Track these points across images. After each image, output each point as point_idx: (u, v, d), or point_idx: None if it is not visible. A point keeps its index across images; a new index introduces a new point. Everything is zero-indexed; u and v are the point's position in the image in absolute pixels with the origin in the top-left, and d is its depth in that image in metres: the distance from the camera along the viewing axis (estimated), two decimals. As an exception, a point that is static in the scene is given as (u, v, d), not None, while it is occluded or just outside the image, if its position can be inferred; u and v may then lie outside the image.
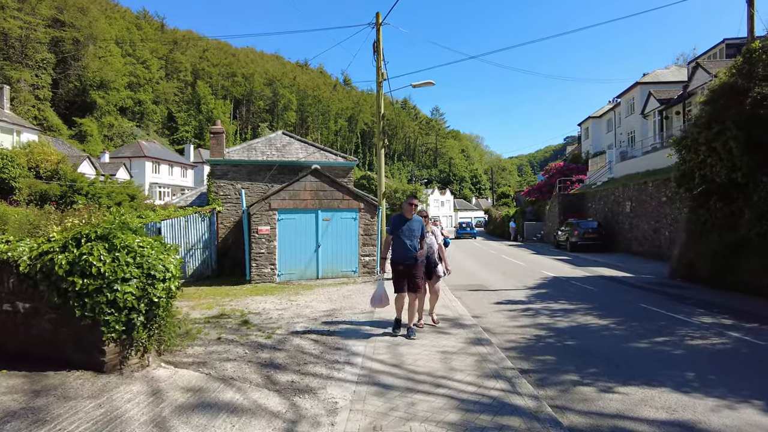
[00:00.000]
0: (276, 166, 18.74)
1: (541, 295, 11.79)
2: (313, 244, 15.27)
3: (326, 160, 19.23)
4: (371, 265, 15.65)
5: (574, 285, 13.41)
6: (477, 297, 11.69)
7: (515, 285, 13.52)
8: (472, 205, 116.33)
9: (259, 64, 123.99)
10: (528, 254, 25.67)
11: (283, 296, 11.51)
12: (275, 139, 20.97)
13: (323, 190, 15.32)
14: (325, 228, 15.31)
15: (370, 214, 15.62)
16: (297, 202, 15.15)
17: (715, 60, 26.70)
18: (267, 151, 19.78)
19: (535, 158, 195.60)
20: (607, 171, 35.02)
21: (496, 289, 12.89)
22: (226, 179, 18.80)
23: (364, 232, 15.56)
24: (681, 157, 14.33)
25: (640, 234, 23.79)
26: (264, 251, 14.99)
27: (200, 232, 17.31)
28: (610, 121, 49.37)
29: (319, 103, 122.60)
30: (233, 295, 11.96)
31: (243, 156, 19.13)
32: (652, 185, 22.74)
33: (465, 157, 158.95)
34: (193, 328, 7.88)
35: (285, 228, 15.11)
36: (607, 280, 14.62)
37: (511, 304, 10.63)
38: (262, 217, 15.00)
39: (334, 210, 15.38)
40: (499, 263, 20.00)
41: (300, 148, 20.28)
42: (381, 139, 16.41)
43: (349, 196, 15.48)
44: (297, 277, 15.19)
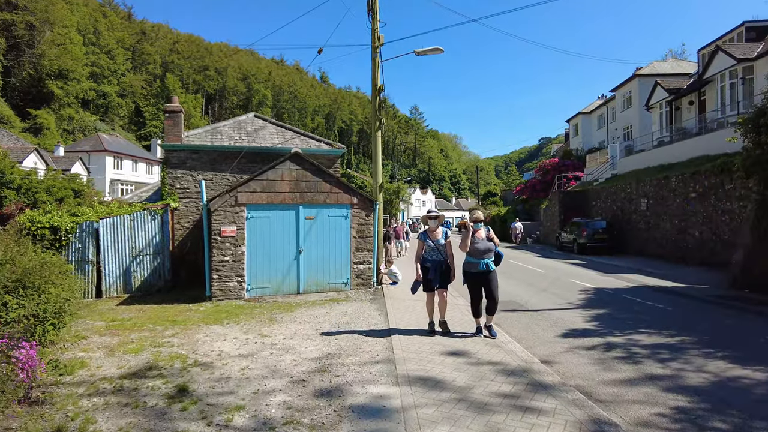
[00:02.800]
0: (246, 153, 15.38)
1: (604, 318, 8.78)
2: (293, 250, 11.98)
3: (308, 147, 15.94)
4: (366, 276, 12.44)
5: (632, 301, 10.47)
6: (523, 322, 8.62)
7: (558, 302, 10.50)
8: (453, 205, 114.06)
9: (233, 59, 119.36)
10: (534, 257, 22.81)
11: (251, 325, 8.18)
12: (246, 122, 17.56)
13: (306, 180, 12.05)
14: (308, 229, 12.05)
15: (364, 211, 12.41)
16: (272, 195, 11.84)
17: (734, 44, 24.37)
18: (235, 135, 16.37)
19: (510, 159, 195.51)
20: (609, 167, 32.55)
21: (538, 308, 9.83)
22: (185, 169, 15.36)
23: (357, 234, 12.35)
24: (753, 141, 11.51)
25: (659, 234, 21.17)
26: (229, 259, 11.63)
27: (150, 233, 13.83)
28: (602, 116, 47.36)
29: (295, 100, 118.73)
30: (182, 324, 8.57)
31: (206, 141, 15.70)
32: (675, 180, 20.11)
33: (444, 157, 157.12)
34: (79, 413, 4.47)
35: (256, 229, 11.79)
36: (660, 292, 11.76)
37: (578, 336, 7.58)
38: (227, 214, 11.65)
39: (319, 206, 12.12)
40: (514, 270, 17.00)
41: (276, 133, 16.93)
42: (377, 118, 13.22)
43: (338, 189, 12.25)
44: (272, 292, 11.88)
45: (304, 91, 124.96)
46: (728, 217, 16.76)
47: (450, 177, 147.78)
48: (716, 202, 17.42)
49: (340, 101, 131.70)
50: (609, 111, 45.08)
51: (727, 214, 16.80)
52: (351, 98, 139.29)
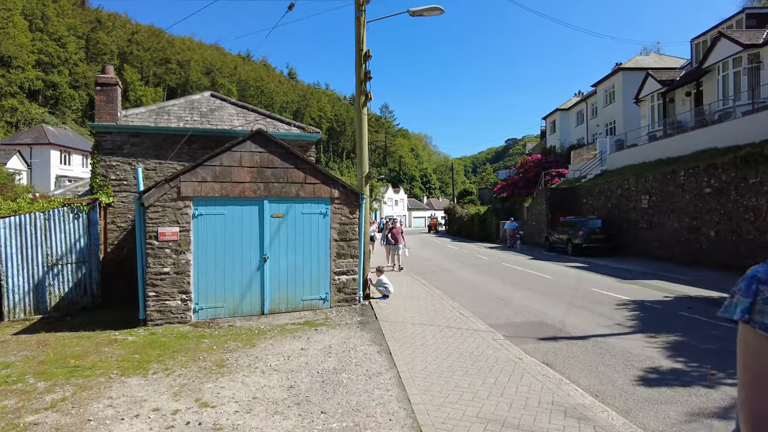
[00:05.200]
0: (199, 137, 12.52)
1: (685, 349, 6.44)
2: (256, 257, 9.23)
3: (275, 130, 13.17)
4: (351, 289, 9.78)
5: (696, 320, 8.18)
6: (580, 359, 6.17)
7: (602, 323, 8.12)
8: (424, 205, 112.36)
9: (197, 53, 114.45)
10: (528, 260, 20.62)
11: (189, 378, 5.41)
12: (200, 101, 14.63)
13: (272, 166, 9.31)
14: (275, 229, 9.33)
15: (348, 206, 9.76)
16: (227, 186, 9.07)
17: (737, 30, 22.83)
18: (186, 116, 13.44)
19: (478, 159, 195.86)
20: (597, 162, 30.82)
21: (585, 334, 7.38)
22: (122, 156, 12.37)
23: (339, 236, 9.68)
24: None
25: (666, 234, 19.27)
26: (169, 270, 8.79)
27: (72, 236, 10.83)
28: (581, 113, 46.04)
29: (262, 95, 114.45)
30: (85, 373, 5.71)
31: (148, 122, 12.73)
32: (684, 174, 18.21)
33: (415, 156, 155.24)
34: None
35: (206, 230, 9.00)
36: (711, 305, 9.55)
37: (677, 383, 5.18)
38: (166, 211, 8.81)
39: (290, 200, 9.41)
40: (516, 277, 14.65)
41: (236, 114, 14.08)
42: (362, 92, 10.59)
43: (315, 178, 9.56)
44: (227, 313, 9.10)
45: (271, 87, 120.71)
46: (753, 215, 14.88)
47: (421, 176, 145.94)
48: (737, 197, 15.53)
49: (309, 98, 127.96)
50: (589, 107, 43.72)
51: (752, 212, 14.91)
52: (320, 95, 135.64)
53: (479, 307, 9.74)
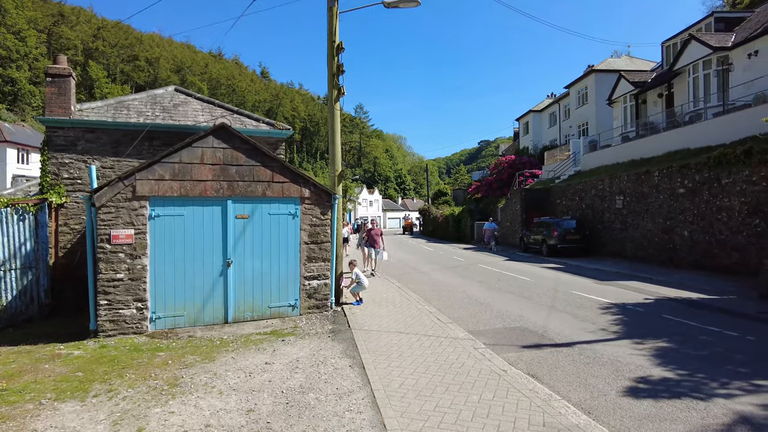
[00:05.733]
0: (161, 133, 11.76)
1: (674, 355, 6.12)
2: (218, 261, 8.57)
3: (242, 127, 12.49)
4: (322, 294, 9.20)
5: (682, 324, 7.91)
6: (566, 368, 5.77)
7: (586, 328, 7.77)
8: (399, 206, 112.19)
9: (167, 50, 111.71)
10: (504, 261, 20.38)
11: (133, 402, 4.75)
12: (163, 96, 13.81)
13: (237, 164, 8.66)
14: (240, 231, 8.68)
15: (319, 207, 9.19)
16: (188, 184, 8.39)
17: (707, 33, 23.10)
18: (147, 111, 12.63)
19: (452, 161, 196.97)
20: (571, 163, 30.92)
21: (570, 341, 7.00)
22: (76, 153, 11.51)
23: (310, 238, 9.09)
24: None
25: (639, 234, 19.29)
26: (123, 276, 8.05)
27: (16, 239, 9.95)
28: (554, 114, 46.40)
29: (233, 94, 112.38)
30: (13, 399, 5.00)
31: (106, 116, 11.87)
32: (659, 174, 18.23)
33: (389, 157, 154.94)
34: None
35: (164, 232, 8.30)
36: (696, 307, 9.36)
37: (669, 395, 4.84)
38: (120, 212, 8.08)
39: (256, 199, 8.78)
40: (494, 279, 14.30)
41: (201, 110, 13.33)
42: (335, 85, 10.03)
43: (284, 177, 8.95)
44: (188, 322, 8.42)
45: (243, 86, 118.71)
46: (726, 215, 14.91)
47: (395, 177, 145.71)
48: (710, 198, 15.57)
49: (282, 97, 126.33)
50: (562, 108, 44.06)
51: (725, 212, 14.95)
52: (293, 94, 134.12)
53: (458, 312, 9.30)
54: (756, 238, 13.83)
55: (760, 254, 13.64)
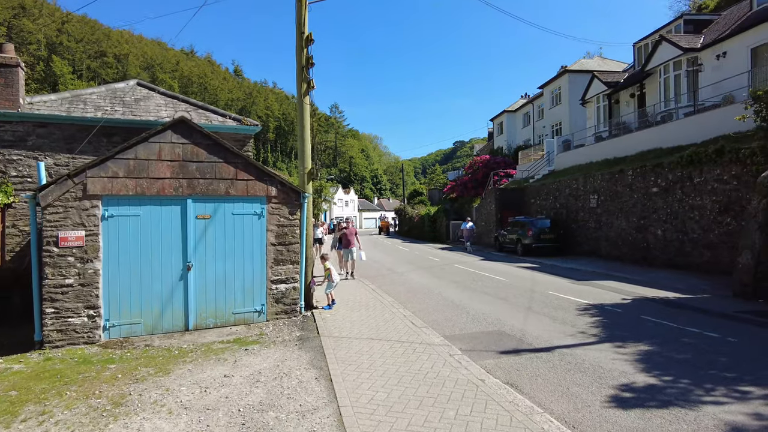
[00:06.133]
0: (120, 128, 11.09)
1: (657, 359, 5.88)
2: (178, 264, 8.01)
3: (207, 122, 11.91)
4: (290, 299, 8.71)
5: (662, 325, 7.71)
6: (546, 376, 5.45)
7: (565, 331, 7.50)
8: (375, 206, 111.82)
9: (136, 47, 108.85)
10: (480, 261, 20.19)
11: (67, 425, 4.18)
12: (124, 90, 13.08)
13: (198, 160, 8.12)
14: (201, 232, 8.14)
15: (287, 206, 8.70)
16: (144, 182, 7.80)
17: (677, 35, 23.40)
18: (106, 105, 11.92)
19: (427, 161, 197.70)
20: (545, 163, 31.06)
21: (549, 345, 6.70)
22: (25, 149, 10.75)
23: (277, 239, 8.59)
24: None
25: (613, 233, 19.36)
26: (73, 282, 7.43)
27: (-43, 242, 9.16)
28: (528, 114, 46.74)
29: (205, 92, 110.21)
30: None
31: (59, 110, 11.13)
32: (632, 174, 18.31)
33: (365, 157, 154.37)
34: None
35: (119, 233, 7.70)
36: (674, 307, 9.23)
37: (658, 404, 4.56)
38: (69, 212, 7.45)
39: (219, 198, 8.25)
40: (470, 279, 14.02)
41: (164, 105, 12.67)
42: (304, 79, 9.57)
43: (248, 174, 8.43)
44: (145, 330, 7.84)
45: (215, 84, 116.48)
46: (698, 214, 15.00)
47: (371, 177, 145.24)
48: (683, 196, 15.65)
49: (255, 95, 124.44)
50: (535, 108, 44.40)
51: (697, 210, 15.04)
52: (267, 93, 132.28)
53: (433, 315, 8.95)
54: (727, 236, 13.92)
55: (732, 252, 13.73)
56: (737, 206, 13.64)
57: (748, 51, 18.53)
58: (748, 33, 18.51)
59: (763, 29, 17.90)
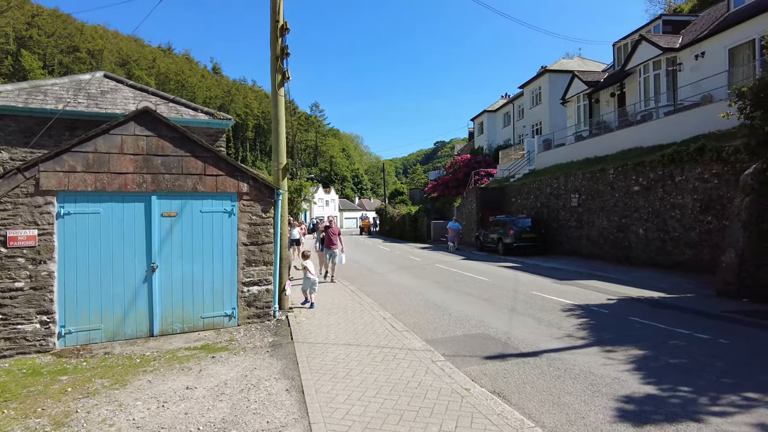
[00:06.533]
0: (83, 121, 10.45)
1: (651, 364, 5.59)
2: (142, 266, 7.46)
3: (178, 116, 11.34)
4: (264, 302, 8.22)
5: (650, 327, 7.45)
6: (536, 384, 5.10)
7: (552, 333, 7.19)
8: (356, 205, 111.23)
9: (111, 42, 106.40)
10: (461, 261, 19.92)
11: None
12: (90, 82, 12.39)
13: (163, 154, 7.58)
14: (167, 231, 7.60)
15: (260, 204, 8.21)
16: (105, 177, 7.24)
17: (656, 35, 23.51)
18: (69, 97, 11.24)
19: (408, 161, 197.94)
20: (526, 162, 31.01)
21: (537, 349, 6.36)
22: (-21, 142, 10.04)
23: (249, 239, 8.10)
24: (762, 118, 9.12)
25: (595, 232, 19.29)
26: (23, 285, 6.83)
27: None
28: (508, 114, 46.80)
29: (183, 89, 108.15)
30: None
31: (16, 101, 10.43)
32: (614, 172, 18.24)
33: (346, 157, 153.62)
34: None
35: (76, 232, 7.12)
36: (660, 307, 9.01)
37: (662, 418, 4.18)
38: (19, 209, 6.85)
39: (186, 195, 7.72)
40: (452, 279, 13.70)
41: (133, 98, 12.03)
42: (278, 71, 9.09)
43: (218, 169, 7.92)
44: (105, 336, 7.27)
45: (193, 81, 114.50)
46: (679, 212, 14.94)
47: (352, 177, 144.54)
48: (664, 195, 15.59)
49: (234, 93, 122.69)
50: (516, 108, 44.46)
51: (678, 209, 14.98)
52: (246, 91, 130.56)
53: (414, 318, 8.57)
54: (708, 235, 13.87)
55: (713, 251, 13.69)
56: (718, 204, 13.59)
57: (726, 51, 18.62)
58: (726, 33, 18.59)
59: (739, 30, 17.99)
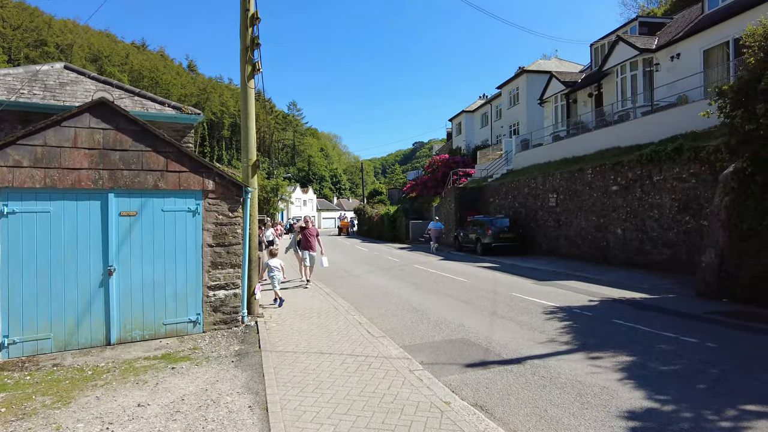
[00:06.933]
0: (39, 114, 9.75)
1: (641, 372, 5.29)
2: (98, 268, 6.89)
3: (143, 110, 10.72)
4: (231, 307, 7.71)
5: (636, 330, 7.21)
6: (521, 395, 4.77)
7: (534, 338, 6.88)
8: (334, 205, 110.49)
9: (82, 37, 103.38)
10: (439, 261, 19.65)
11: None
12: (48, 72, 11.67)
13: (121, 148, 7.02)
14: (126, 231, 7.05)
15: (227, 202, 7.71)
16: (56, 173, 6.65)
17: (633, 36, 23.67)
18: (23, 89, 10.52)
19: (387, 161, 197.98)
20: (503, 162, 30.97)
21: (520, 356, 6.04)
22: None
23: (215, 240, 7.59)
24: (743, 115, 9.01)
25: (573, 232, 19.24)
26: (-39, 290, 6.21)
27: None
28: (486, 115, 46.85)
29: (157, 86, 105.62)
30: None
31: (-37, 93, 9.70)
32: (592, 172, 18.20)
33: (324, 156, 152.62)
34: None
35: (22, 233, 6.52)
36: (643, 309, 8.82)
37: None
38: (-43, 207, 6.24)
39: (147, 192, 7.18)
40: (430, 280, 13.37)
41: (95, 90, 11.33)
42: (248, 62, 8.60)
43: (181, 165, 7.39)
44: (56, 346, 6.69)
45: (168, 79, 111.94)
46: (657, 212, 14.92)
47: (331, 176, 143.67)
48: (643, 195, 15.57)
49: (209, 91, 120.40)
50: (493, 109, 44.49)
51: (657, 209, 14.96)
52: (222, 89, 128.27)
53: (391, 322, 8.19)
54: (686, 235, 13.86)
55: (690, 251, 13.70)
56: (695, 204, 13.59)
57: (701, 53, 18.77)
58: (701, 35, 18.74)
59: (714, 32, 18.14)
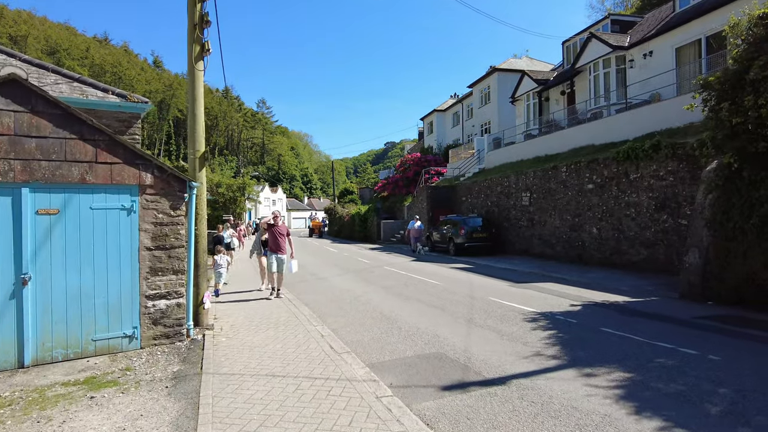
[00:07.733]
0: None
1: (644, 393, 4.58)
2: (9, 277, 5.80)
3: (82, 97, 9.55)
4: (174, 318, 6.71)
5: (627, 339, 6.54)
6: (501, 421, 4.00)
7: (517, 351, 6.14)
8: (305, 205, 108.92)
9: (38, 29, 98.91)
10: (411, 262, 18.93)
11: None
12: (-29, 55, 10.36)
13: (39, 135, 5.95)
14: (45, 233, 5.98)
15: (168, 198, 6.71)
16: (-47, 164, 5.56)
17: (606, 33, 23.48)
18: (-62, 70, 9.21)
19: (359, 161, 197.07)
20: (476, 161, 30.52)
21: (502, 374, 5.25)
22: None
23: (154, 242, 6.58)
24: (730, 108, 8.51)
25: (547, 232, 18.82)
26: None
27: None
28: (457, 114, 46.56)
29: (120, 82, 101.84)
30: None
31: None
32: (566, 170, 17.78)
33: (295, 155, 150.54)
34: None
35: None
36: (629, 314, 8.22)
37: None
38: None
39: (71, 187, 6.12)
40: (401, 283, 12.59)
41: (26, 75, 10.08)
42: (196, 41, 7.61)
43: (114, 156, 6.35)
44: (-46, 370, 5.59)
45: (132, 74, 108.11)
46: (634, 211, 14.55)
47: (301, 176, 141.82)
48: (619, 193, 15.18)
49: (176, 88, 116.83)
50: (465, 108, 44.20)
51: (633, 207, 14.59)
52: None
53: (358, 333, 7.35)
54: (663, 234, 13.50)
55: (668, 250, 13.34)
56: (673, 203, 13.23)
57: (673, 50, 18.63)
58: (672, 33, 18.60)
59: (685, 30, 18.01)
